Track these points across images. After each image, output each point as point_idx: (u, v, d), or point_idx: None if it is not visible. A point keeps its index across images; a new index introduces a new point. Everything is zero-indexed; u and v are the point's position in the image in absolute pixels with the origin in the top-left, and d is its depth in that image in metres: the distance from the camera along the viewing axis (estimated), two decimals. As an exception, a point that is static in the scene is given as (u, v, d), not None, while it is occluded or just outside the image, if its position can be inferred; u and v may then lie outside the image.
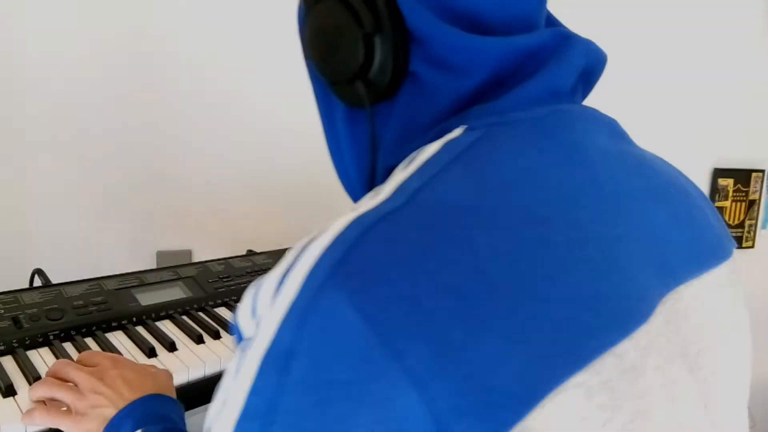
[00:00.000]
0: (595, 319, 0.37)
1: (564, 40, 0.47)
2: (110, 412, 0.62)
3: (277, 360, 0.34)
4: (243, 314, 0.39)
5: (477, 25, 0.45)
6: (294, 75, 1.44)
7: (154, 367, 0.71)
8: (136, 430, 0.60)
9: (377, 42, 0.46)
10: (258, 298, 0.37)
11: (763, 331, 2.39)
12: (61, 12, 1.18)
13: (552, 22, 0.51)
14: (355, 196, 0.54)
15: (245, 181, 1.41)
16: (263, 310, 0.36)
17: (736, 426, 0.47)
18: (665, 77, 1.97)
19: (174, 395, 0.68)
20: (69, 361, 0.69)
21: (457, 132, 0.43)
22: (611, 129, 0.49)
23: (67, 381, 0.66)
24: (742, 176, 2.20)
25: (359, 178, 0.52)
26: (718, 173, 2.15)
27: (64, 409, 0.65)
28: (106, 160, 1.26)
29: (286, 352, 0.34)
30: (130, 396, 0.63)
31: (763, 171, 2.23)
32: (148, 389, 0.65)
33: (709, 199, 0.54)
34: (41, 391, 0.66)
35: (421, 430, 0.32)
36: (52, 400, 0.66)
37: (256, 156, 1.41)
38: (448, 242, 0.35)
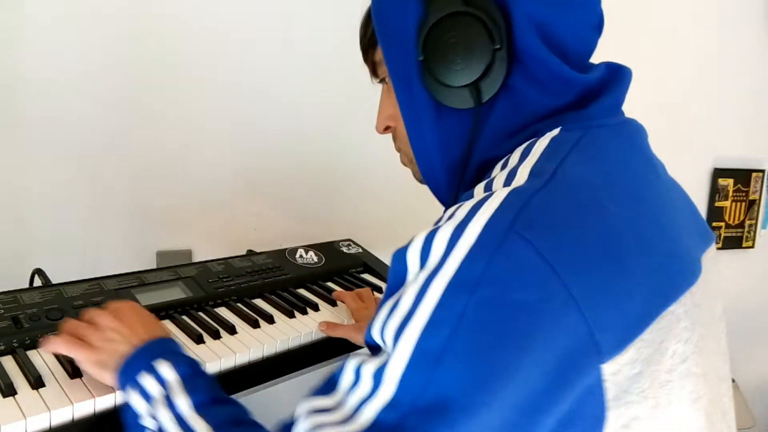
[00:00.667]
0: (678, 267, 0.53)
1: (618, 70, 0.62)
2: (125, 348, 0.67)
3: (465, 284, 0.44)
4: (413, 255, 0.48)
5: (564, 55, 0.57)
6: (294, 75, 1.44)
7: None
8: (156, 359, 0.64)
9: (498, 57, 0.56)
10: (434, 241, 0.47)
11: (763, 330, 2.40)
12: (62, 13, 1.18)
13: None
14: (435, 181, 0.64)
15: (245, 182, 1.41)
16: (440, 249, 0.46)
17: (723, 345, 0.64)
18: (665, 77, 1.97)
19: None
20: (80, 321, 0.73)
21: (555, 132, 0.55)
22: (646, 136, 0.64)
23: (81, 338, 0.71)
24: (742, 176, 2.20)
25: (444, 167, 0.62)
26: (718, 173, 2.15)
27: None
28: (106, 160, 1.26)
29: (475, 278, 0.44)
30: (144, 335, 0.68)
31: (763, 171, 2.23)
32: (162, 333, 0.71)
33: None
34: (54, 346, 0.69)
35: (578, 338, 0.45)
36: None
37: (256, 156, 1.41)
38: (588, 207, 0.49)
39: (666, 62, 1.97)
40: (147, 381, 0.62)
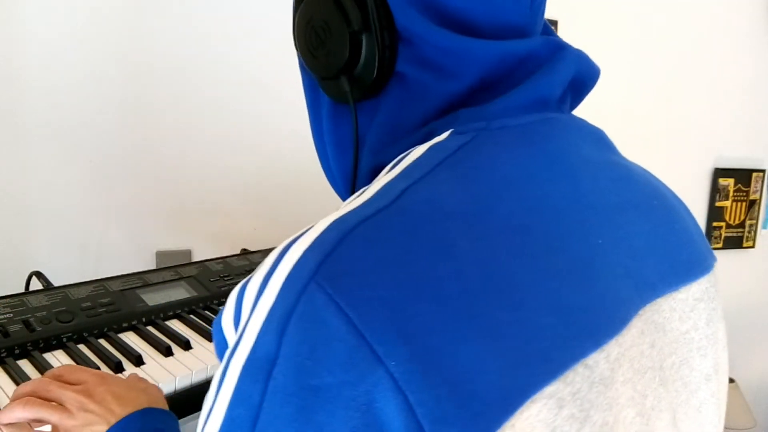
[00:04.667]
0: (566, 329, 0.36)
1: (556, 50, 0.47)
2: (101, 429, 0.59)
3: (259, 367, 0.33)
4: (227, 320, 0.38)
5: (467, 30, 0.45)
6: (296, 76, 1.44)
7: (144, 381, 0.68)
8: None
9: (364, 40, 0.46)
10: (243, 302, 0.36)
11: (763, 330, 2.41)
12: (62, 12, 1.18)
13: (547, 31, 0.52)
14: (340, 193, 0.55)
15: (245, 182, 1.42)
16: (246, 314, 0.35)
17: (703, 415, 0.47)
18: (666, 77, 1.98)
19: (166, 408, 0.65)
20: (49, 379, 0.63)
21: (444, 135, 0.43)
22: (598, 139, 0.49)
23: (50, 400, 0.60)
24: (743, 176, 2.20)
25: (342, 175, 0.53)
26: (719, 173, 2.16)
27: (49, 429, 0.60)
28: (106, 161, 1.27)
29: (268, 358, 0.33)
30: (121, 412, 0.60)
31: (763, 171, 2.24)
32: (141, 403, 0.62)
33: (691, 213, 0.53)
34: (23, 411, 0.58)
35: None
36: (36, 421, 0.60)
37: (255, 156, 1.42)
38: (430, 246, 0.35)
39: (666, 62, 1.97)
40: None
